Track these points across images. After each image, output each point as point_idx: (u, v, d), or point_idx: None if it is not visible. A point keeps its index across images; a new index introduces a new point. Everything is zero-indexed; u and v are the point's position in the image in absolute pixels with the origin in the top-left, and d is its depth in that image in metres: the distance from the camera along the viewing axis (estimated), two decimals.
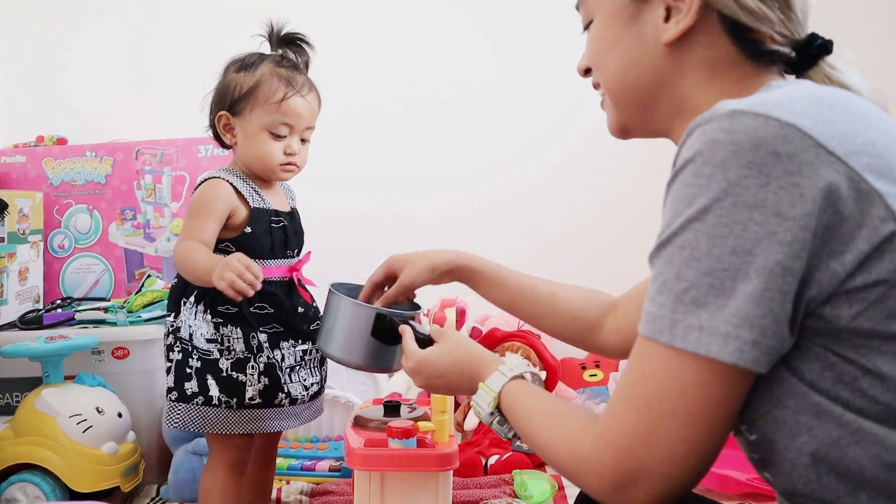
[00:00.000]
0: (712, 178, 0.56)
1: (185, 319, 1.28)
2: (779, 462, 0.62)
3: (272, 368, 1.28)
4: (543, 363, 1.93)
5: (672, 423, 0.58)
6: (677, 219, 0.58)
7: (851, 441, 0.56)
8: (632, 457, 0.59)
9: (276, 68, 1.30)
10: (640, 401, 0.60)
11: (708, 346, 0.56)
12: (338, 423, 1.92)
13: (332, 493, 1.65)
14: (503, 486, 1.65)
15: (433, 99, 2.34)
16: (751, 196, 0.54)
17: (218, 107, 1.32)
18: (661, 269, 0.59)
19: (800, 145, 0.54)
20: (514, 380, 0.81)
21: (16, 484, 1.52)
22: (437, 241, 2.38)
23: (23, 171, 2.12)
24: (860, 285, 0.55)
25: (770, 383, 0.59)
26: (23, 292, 1.99)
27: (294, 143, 1.31)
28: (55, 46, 2.35)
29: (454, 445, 1.23)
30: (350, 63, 2.31)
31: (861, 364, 0.56)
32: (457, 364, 0.92)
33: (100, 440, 1.57)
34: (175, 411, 1.27)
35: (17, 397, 1.76)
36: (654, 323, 0.59)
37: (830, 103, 0.59)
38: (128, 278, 2.11)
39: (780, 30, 0.68)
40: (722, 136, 0.56)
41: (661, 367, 0.58)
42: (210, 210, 1.27)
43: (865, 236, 0.54)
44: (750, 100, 0.58)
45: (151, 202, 2.11)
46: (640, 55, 0.72)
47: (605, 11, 0.75)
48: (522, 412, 0.77)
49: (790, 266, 0.54)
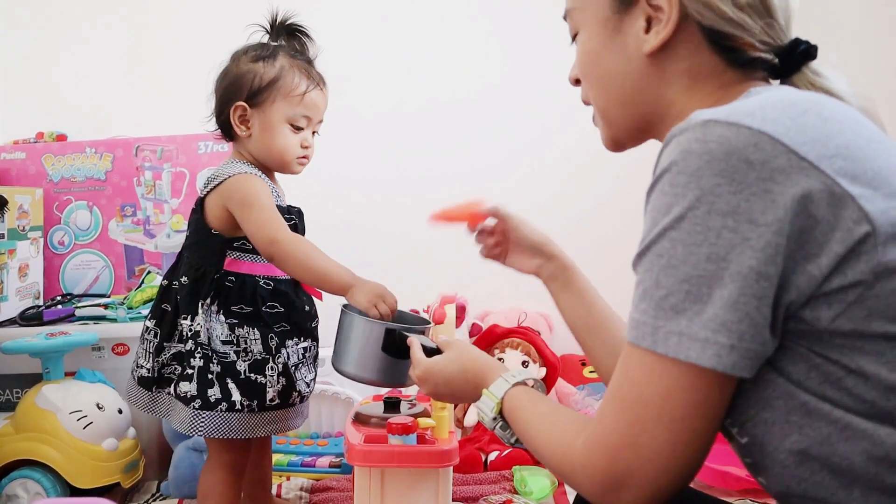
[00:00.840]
0: (687, 187, 0.57)
1: (202, 322, 1.24)
2: (771, 464, 0.62)
3: (288, 368, 1.29)
4: (544, 359, 1.93)
5: (656, 427, 0.59)
6: (655, 227, 0.59)
7: (841, 438, 0.57)
8: (620, 460, 0.61)
9: (293, 61, 1.28)
10: (625, 405, 0.61)
11: (687, 352, 0.57)
12: (338, 419, 1.92)
13: (332, 489, 1.65)
14: (503, 483, 1.66)
15: (437, 99, 2.33)
16: (724, 203, 0.56)
17: (233, 97, 1.27)
18: (642, 276, 0.61)
19: (771, 152, 0.56)
20: (516, 386, 0.82)
21: (16, 480, 1.53)
22: (440, 241, 2.39)
23: (22, 168, 2.12)
24: (837, 287, 0.56)
25: (758, 385, 0.60)
26: (23, 289, 1.99)
27: (308, 137, 1.31)
28: (55, 42, 2.35)
29: (454, 442, 1.24)
30: (351, 62, 2.31)
31: (844, 364, 0.57)
32: (462, 371, 0.93)
33: (100, 436, 1.57)
34: (199, 419, 1.23)
35: (17, 394, 1.76)
36: (637, 329, 0.61)
37: (803, 108, 0.60)
38: (128, 275, 2.11)
39: (762, 37, 0.69)
40: (695, 146, 0.57)
41: (645, 372, 0.60)
42: (268, 198, 1.25)
43: (839, 239, 0.55)
44: (724, 108, 0.60)
45: (151, 198, 2.11)
46: (623, 66, 0.74)
47: (590, 24, 0.77)
48: (523, 417, 0.78)
49: (764, 271, 0.55)
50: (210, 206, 1.28)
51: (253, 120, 1.28)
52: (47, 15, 2.36)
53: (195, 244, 1.31)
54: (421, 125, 2.33)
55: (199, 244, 1.31)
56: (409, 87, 2.33)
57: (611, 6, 0.74)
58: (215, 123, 1.33)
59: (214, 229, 1.28)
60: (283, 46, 1.31)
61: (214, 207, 1.27)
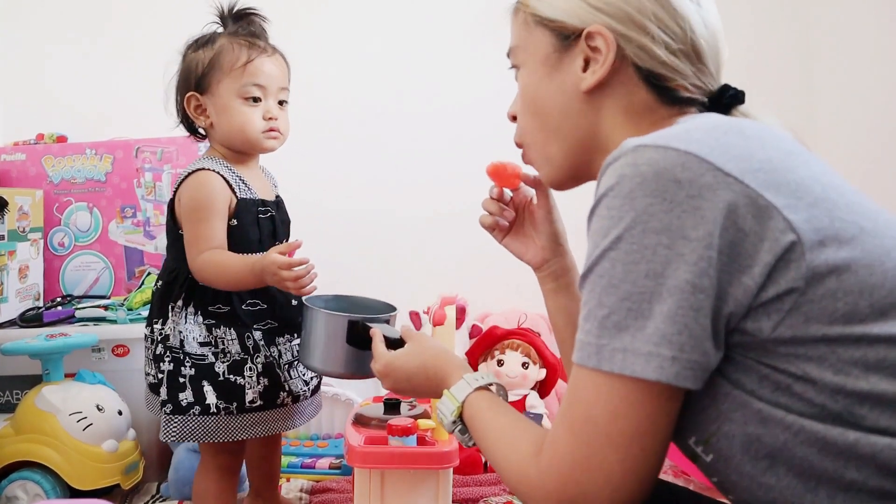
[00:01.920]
0: (622, 209, 0.60)
1: (173, 325, 1.23)
2: (738, 478, 0.63)
3: (271, 368, 1.25)
4: (544, 361, 1.93)
5: (607, 445, 0.60)
6: (595, 250, 0.62)
7: (797, 441, 0.59)
8: (573, 482, 0.62)
9: (233, 38, 1.25)
10: (575, 426, 0.62)
11: (632, 367, 0.59)
12: (338, 420, 1.93)
13: (332, 490, 1.65)
14: (503, 484, 1.66)
15: (438, 101, 2.33)
16: (657, 222, 0.58)
17: (184, 90, 1.27)
18: (586, 297, 0.63)
19: (698, 170, 0.58)
20: (478, 391, 0.82)
21: (16, 481, 1.53)
22: (440, 242, 2.38)
23: (23, 169, 2.12)
24: (773, 296, 0.58)
25: (716, 400, 0.62)
26: (23, 290, 1.99)
27: (272, 108, 1.25)
28: (55, 44, 2.35)
29: (454, 443, 1.24)
30: (352, 64, 2.31)
31: (791, 372, 0.59)
32: (422, 368, 0.93)
33: (100, 438, 1.57)
34: (171, 424, 1.22)
35: (17, 395, 1.76)
36: (582, 350, 0.62)
37: (725, 129, 0.64)
38: (128, 276, 2.11)
39: (694, 81, 0.74)
40: (628, 170, 0.60)
41: (592, 391, 0.61)
42: (212, 210, 1.22)
43: (768, 248, 0.58)
44: (652, 135, 0.63)
45: (151, 200, 2.11)
46: (561, 101, 0.78)
47: (530, 61, 0.80)
48: (481, 426, 0.78)
49: (699, 284, 0.57)
50: (176, 205, 1.27)
51: (208, 107, 1.26)
52: (47, 16, 2.37)
53: (169, 247, 1.31)
54: (422, 127, 2.33)
55: (171, 246, 1.30)
56: (411, 90, 2.33)
57: (552, 45, 0.77)
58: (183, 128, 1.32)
59: (181, 229, 1.26)
60: (225, 30, 1.28)
61: (178, 205, 1.26)
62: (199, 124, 1.28)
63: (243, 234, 1.25)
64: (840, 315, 0.58)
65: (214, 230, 1.22)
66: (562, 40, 0.77)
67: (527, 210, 1.02)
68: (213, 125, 1.27)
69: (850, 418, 0.58)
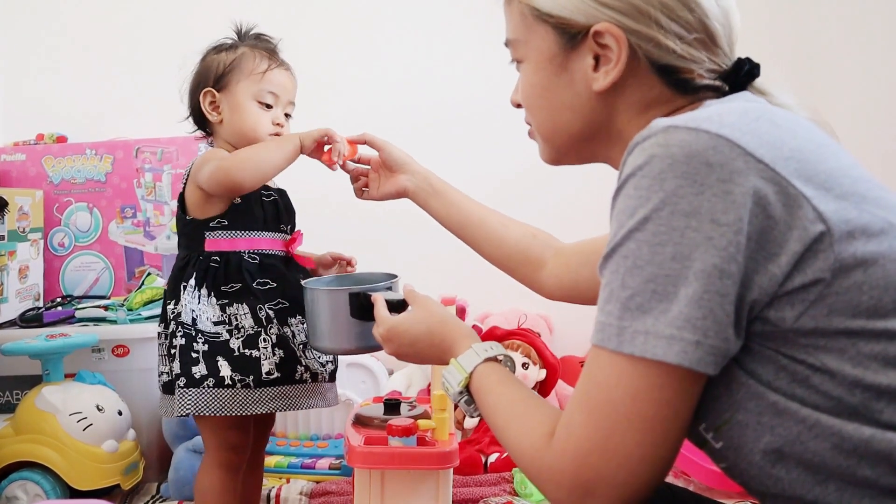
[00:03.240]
0: (651, 189, 0.59)
1: (186, 304, 1.24)
2: (747, 466, 0.63)
3: (285, 340, 1.26)
4: (543, 361, 1.93)
5: (626, 428, 0.59)
6: (621, 230, 0.60)
7: (811, 435, 0.58)
8: (588, 466, 0.60)
9: (254, 48, 1.33)
10: (593, 408, 0.61)
11: (654, 350, 0.57)
12: (338, 420, 1.92)
13: (332, 493, 1.65)
14: (503, 485, 1.66)
15: (439, 103, 2.33)
16: (687, 204, 0.57)
17: (201, 86, 1.33)
18: (608, 279, 0.61)
19: (729, 154, 0.57)
20: (487, 361, 0.80)
21: (16, 482, 1.53)
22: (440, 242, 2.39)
23: (23, 170, 2.12)
24: (799, 285, 0.57)
25: (730, 388, 0.61)
26: (23, 290, 1.99)
27: (280, 116, 1.32)
28: (55, 44, 2.35)
29: (454, 443, 1.23)
30: (354, 67, 2.31)
31: (810, 363, 0.58)
32: (428, 333, 0.90)
33: (100, 438, 1.57)
34: (185, 398, 1.21)
35: (17, 395, 1.76)
36: (602, 331, 0.61)
37: (757, 115, 0.62)
38: (128, 276, 2.11)
39: (709, 66, 0.71)
40: (658, 151, 0.59)
41: (613, 373, 0.60)
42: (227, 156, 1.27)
43: (797, 237, 0.57)
44: (683, 116, 0.62)
45: (151, 200, 2.11)
46: (571, 101, 0.75)
47: (534, 58, 0.77)
48: (491, 400, 0.77)
49: (726, 269, 0.57)
50: (187, 194, 1.30)
51: (222, 104, 1.31)
52: (48, 17, 2.37)
53: (180, 237, 1.34)
54: (423, 128, 2.32)
55: (181, 235, 1.34)
56: (412, 91, 2.33)
57: (557, 43, 0.74)
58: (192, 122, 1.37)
59: (189, 215, 1.30)
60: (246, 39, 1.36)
61: (190, 194, 1.30)
62: (211, 118, 1.33)
63: (248, 211, 1.29)
64: (864, 309, 0.57)
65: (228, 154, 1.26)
66: (567, 39, 0.73)
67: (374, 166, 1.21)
68: (223, 122, 1.32)
69: (866, 413, 0.57)
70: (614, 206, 0.63)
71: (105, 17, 2.35)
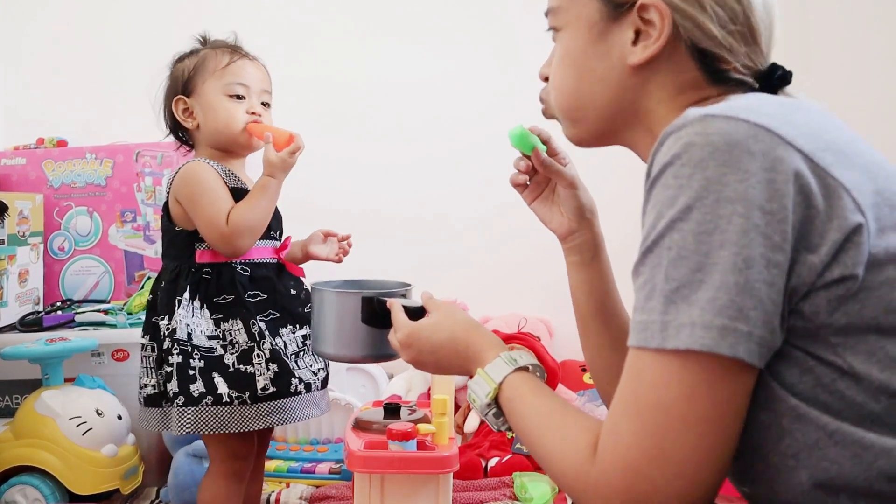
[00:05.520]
0: (692, 177, 0.56)
1: (181, 319, 1.24)
2: (764, 468, 0.61)
3: (278, 354, 1.26)
4: (544, 365, 1.92)
5: (681, 432, 0.55)
6: (661, 221, 0.58)
7: (830, 442, 0.57)
8: (641, 477, 0.56)
9: (215, 47, 1.34)
10: (642, 413, 0.57)
11: (703, 341, 0.54)
12: (338, 425, 1.92)
13: (332, 497, 1.65)
14: (503, 489, 1.65)
15: (441, 107, 2.33)
16: (731, 192, 0.55)
17: (171, 97, 1.34)
18: (648, 274, 0.58)
19: (770, 143, 0.56)
20: (517, 371, 0.75)
21: (15, 486, 1.52)
22: (440, 246, 2.38)
23: (23, 173, 2.12)
24: (837, 277, 0.56)
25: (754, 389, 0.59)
26: (23, 294, 1.99)
27: (256, 105, 1.31)
28: (56, 48, 2.35)
29: (454, 448, 1.23)
30: (355, 69, 2.31)
31: (838, 366, 0.57)
32: (451, 341, 0.84)
33: (99, 442, 1.57)
34: (185, 416, 1.22)
35: (16, 399, 1.76)
36: (645, 330, 0.57)
37: (793, 107, 0.62)
38: (128, 280, 2.11)
39: (745, 61, 0.70)
40: (697, 139, 0.57)
41: (662, 373, 0.56)
42: (213, 187, 1.26)
43: (836, 227, 0.56)
44: (718, 105, 0.60)
45: (151, 204, 2.11)
46: (603, 72, 0.74)
47: (574, 24, 0.75)
48: (524, 412, 0.72)
49: (773, 258, 0.55)
50: (171, 204, 1.30)
51: (195, 108, 1.32)
52: (48, 20, 2.37)
53: (167, 247, 1.33)
54: (424, 132, 2.33)
55: (169, 246, 1.32)
56: (415, 95, 2.33)
57: (600, 13, 0.73)
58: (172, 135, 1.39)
59: (177, 226, 1.29)
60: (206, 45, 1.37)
61: (174, 205, 1.29)
62: (187, 126, 1.34)
63: None
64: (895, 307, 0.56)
65: (225, 202, 1.25)
66: (612, 8, 0.72)
67: (556, 182, 0.96)
68: (199, 126, 1.32)
69: (889, 420, 0.56)
70: (649, 198, 0.60)
71: (106, 21, 2.35)
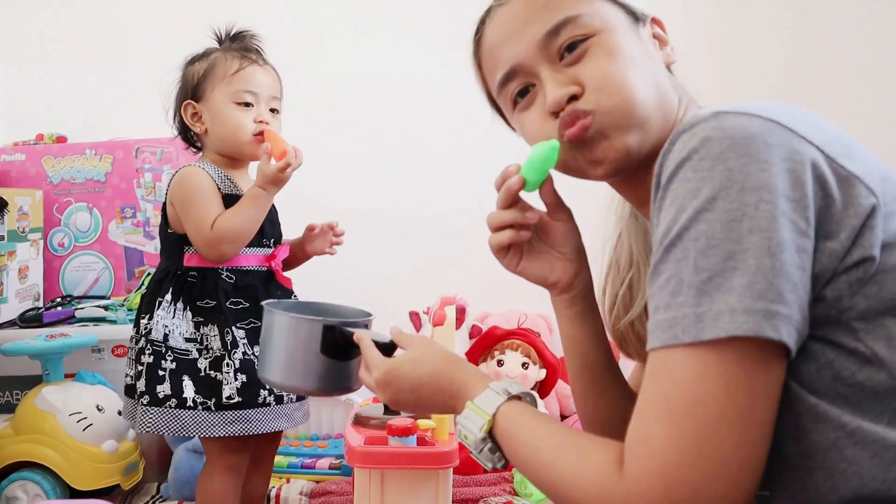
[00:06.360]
0: (713, 169, 0.56)
1: (159, 320, 1.26)
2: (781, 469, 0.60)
3: (249, 365, 1.26)
4: (543, 361, 1.93)
5: (723, 429, 0.53)
6: (683, 214, 0.57)
7: (850, 442, 0.55)
8: (681, 481, 0.53)
9: (226, 51, 1.33)
10: (676, 413, 0.54)
11: (745, 326, 0.52)
12: (338, 420, 1.93)
13: (332, 493, 1.65)
14: (503, 484, 1.66)
15: (443, 107, 2.33)
16: (755, 180, 0.55)
17: (181, 100, 1.34)
18: (672, 270, 0.56)
19: (785, 136, 0.57)
20: (510, 400, 0.71)
21: (16, 482, 1.53)
22: (440, 242, 2.38)
23: (22, 170, 2.12)
24: (858, 259, 0.56)
25: None
26: (23, 290, 1.99)
27: (263, 113, 1.31)
28: (55, 44, 2.35)
29: (454, 443, 1.24)
30: (358, 71, 2.31)
31: (860, 352, 0.56)
32: (434, 377, 0.79)
33: (100, 438, 1.57)
34: (147, 415, 1.23)
35: (17, 395, 1.76)
36: (674, 327, 0.55)
37: (791, 108, 0.62)
38: (128, 276, 2.11)
39: None
40: (714, 133, 0.57)
41: (696, 368, 0.54)
42: (204, 194, 1.27)
43: (853, 213, 0.56)
44: (725, 105, 0.61)
45: (151, 200, 2.11)
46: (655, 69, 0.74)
47: (610, 28, 0.72)
48: (527, 439, 0.67)
49: (802, 244, 0.55)
50: (167, 206, 1.32)
51: (203, 114, 1.33)
52: (47, 17, 2.37)
53: (161, 248, 1.36)
54: (424, 130, 2.33)
55: (163, 247, 1.35)
56: (415, 94, 2.33)
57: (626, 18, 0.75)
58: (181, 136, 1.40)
59: (170, 228, 1.31)
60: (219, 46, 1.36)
61: (169, 207, 1.32)
62: (196, 130, 1.35)
63: None
64: None
65: (213, 207, 1.27)
66: (633, 19, 0.75)
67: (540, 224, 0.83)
68: (207, 131, 1.33)
69: None
70: (666, 194, 0.59)
71: (105, 17, 2.35)
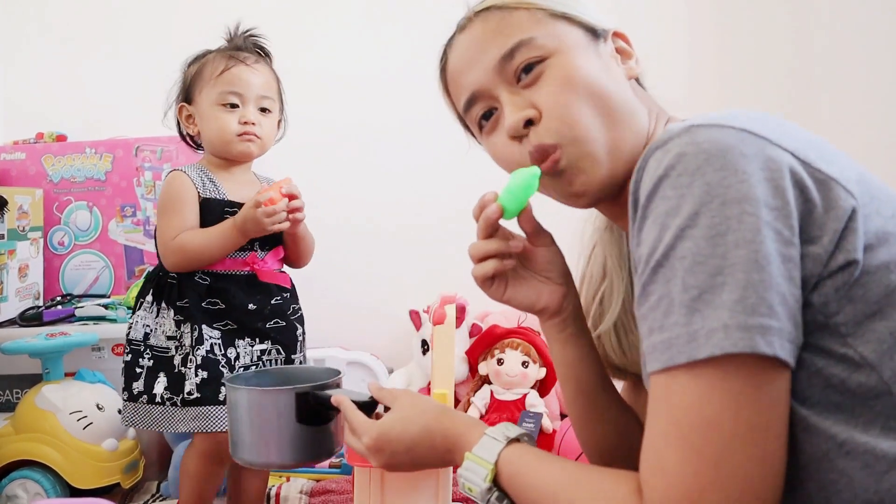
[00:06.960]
0: (692, 185, 0.55)
1: (139, 320, 1.30)
2: None
3: (210, 363, 1.27)
4: (543, 360, 1.93)
5: (738, 447, 0.52)
6: (666, 232, 0.56)
7: (840, 453, 0.55)
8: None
9: (218, 52, 1.35)
10: (687, 437, 0.53)
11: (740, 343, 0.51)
12: None
13: (332, 491, 1.65)
14: None
15: (438, 103, 2.33)
16: (735, 192, 0.54)
17: (177, 102, 1.37)
18: (661, 290, 0.56)
19: (759, 145, 0.56)
20: (511, 444, 0.69)
21: (16, 480, 1.53)
22: (440, 241, 2.38)
23: (22, 168, 2.12)
24: (842, 263, 0.56)
25: None
26: (23, 289, 1.99)
27: (249, 113, 1.31)
28: (55, 43, 2.35)
29: None
30: (359, 73, 2.31)
31: (849, 357, 0.56)
32: (426, 433, 0.76)
33: (100, 437, 1.57)
34: (126, 410, 1.31)
35: (17, 394, 1.76)
36: (669, 349, 0.54)
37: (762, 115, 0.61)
38: (128, 275, 2.11)
39: None
40: (688, 148, 0.56)
41: (698, 388, 0.53)
42: (180, 202, 1.29)
43: (834, 217, 0.56)
44: (699, 116, 0.60)
45: (151, 199, 2.11)
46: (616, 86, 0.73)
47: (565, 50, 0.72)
48: (536, 483, 0.65)
49: (787, 253, 0.54)
50: None
51: (195, 116, 1.35)
52: (47, 16, 2.36)
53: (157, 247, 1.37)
54: (423, 130, 2.32)
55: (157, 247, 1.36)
56: (415, 95, 2.32)
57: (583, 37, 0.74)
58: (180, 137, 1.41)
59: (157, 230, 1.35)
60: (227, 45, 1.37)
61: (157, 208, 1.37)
62: (190, 132, 1.37)
63: None
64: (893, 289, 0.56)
65: (185, 219, 1.29)
66: (591, 36, 0.75)
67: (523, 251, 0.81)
68: (200, 133, 1.36)
69: None
70: (647, 213, 0.58)
71: (106, 15, 2.35)
